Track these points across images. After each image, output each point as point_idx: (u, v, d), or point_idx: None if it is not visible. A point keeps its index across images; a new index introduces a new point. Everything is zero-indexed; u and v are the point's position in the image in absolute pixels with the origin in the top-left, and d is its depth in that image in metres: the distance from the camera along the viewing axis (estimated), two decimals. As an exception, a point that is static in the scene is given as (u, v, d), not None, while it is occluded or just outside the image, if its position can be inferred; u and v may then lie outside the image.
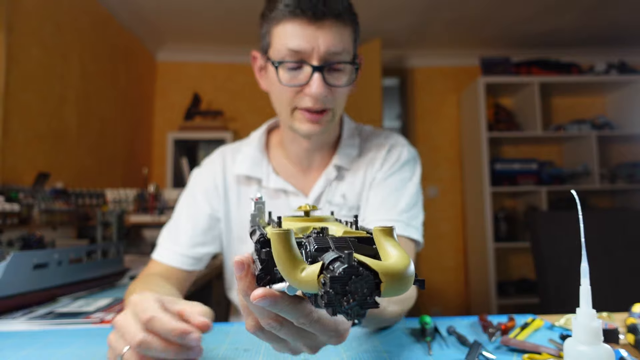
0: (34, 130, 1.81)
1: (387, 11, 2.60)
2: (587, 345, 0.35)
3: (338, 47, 0.69)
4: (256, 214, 0.41)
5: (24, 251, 0.92)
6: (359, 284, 0.23)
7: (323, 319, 0.32)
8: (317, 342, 0.35)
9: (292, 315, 0.30)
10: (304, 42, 0.67)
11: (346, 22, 0.70)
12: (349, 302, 0.23)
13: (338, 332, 0.33)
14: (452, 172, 3.37)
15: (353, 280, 0.23)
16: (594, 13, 2.68)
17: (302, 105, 0.72)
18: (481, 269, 3.00)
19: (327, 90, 0.70)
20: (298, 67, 0.70)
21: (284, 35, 0.69)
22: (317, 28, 0.67)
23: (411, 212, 0.79)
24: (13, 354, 0.52)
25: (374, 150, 0.86)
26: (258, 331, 0.34)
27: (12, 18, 1.66)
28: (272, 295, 0.29)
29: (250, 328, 0.35)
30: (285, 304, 0.29)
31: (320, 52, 0.68)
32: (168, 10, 2.63)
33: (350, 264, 0.23)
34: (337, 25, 0.69)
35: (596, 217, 1.34)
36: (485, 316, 0.62)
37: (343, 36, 0.69)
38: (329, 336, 0.33)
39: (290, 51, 0.68)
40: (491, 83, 2.99)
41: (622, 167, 3.10)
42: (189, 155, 3.08)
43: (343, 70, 0.72)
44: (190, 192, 0.88)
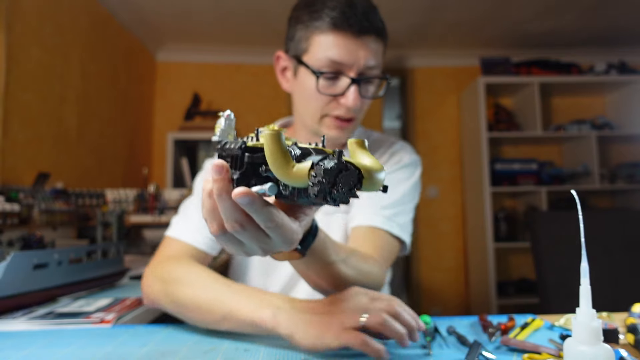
0: (34, 130, 1.81)
1: (387, 11, 2.58)
2: (587, 345, 0.35)
3: (373, 61, 0.74)
4: (225, 129, 0.44)
5: (24, 251, 0.92)
6: (347, 177, 0.28)
7: (284, 225, 0.36)
8: (271, 247, 0.38)
9: (262, 216, 0.34)
10: (347, 55, 0.72)
11: (382, 39, 0.76)
12: (338, 191, 0.28)
13: (292, 239, 0.37)
14: (452, 172, 3.37)
15: (343, 174, 0.28)
16: (594, 13, 2.68)
17: (334, 113, 0.76)
18: (481, 269, 3.00)
19: (360, 100, 0.74)
20: (335, 77, 0.74)
21: (326, 45, 0.72)
22: (360, 43, 0.72)
23: (396, 209, 0.80)
24: (13, 354, 0.52)
25: (379, 153, 0.88)
26: (221, 234, 0.37)
27: (12, 18, 1.66)
28: (252, 195, 0.32)
29: (215, 231, 0.37)
30: (259, 205, 0.33)
31: (360, 65, 0.72)
32: (168, 11, 2.63)
33: (340, 160, 0.28)
34: (376, 41, 0.74)
35: (596, 217, 1.34)
36: (485, 316, 0.62)
37: (379, 51, 0.75)
38: (284, 241, 0.37)
39: (331, 61, 0.72)
40: (491, 83, 2.99)
41: (622, 167, 3.10)
42: (189, 155, 3.08)
43: (375, 83, 0.77)
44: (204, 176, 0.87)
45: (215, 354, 0.51)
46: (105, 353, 0.52)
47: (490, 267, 2.85)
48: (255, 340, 0.56)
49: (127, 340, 0.58)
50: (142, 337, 0.59)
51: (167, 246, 0.78)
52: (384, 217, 0.78)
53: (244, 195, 0.32)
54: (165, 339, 0.58)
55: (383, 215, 0.78)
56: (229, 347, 0.54)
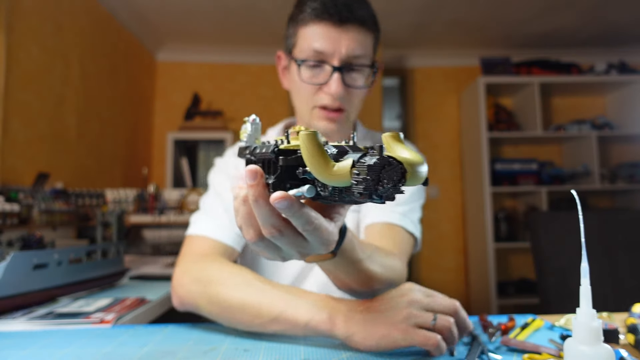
0: (34, 130, 1.81)
1: (387, 11, 2.60)
2: (587, 346, 0.35)
3: (358, 50, 0.73)
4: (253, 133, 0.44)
5: (24, 251, 0.92)
6: (391, 172, 0.27)
7: (322, 227, 0.35)
8: (308, 250, 0.38)
9: (300, 220, 0.33)
10: (327, 44, 0.72)
11: (368, 29, 0.75)
12: (383, 187, 0.27)
13: (330, 241, 0.37)
14: (452, 172, 3.37)
15: (386, 169, 0.27)
16: (594, 13, 2.68)
17: (320, 103, 0.76)
18: (481, 269, 3.00)
19: (345, 90, 0.74)
20: (319, 67, 0.74)
21: (309, 36, 0.74)
22: (341, 32, 0.72)
23: (408, 206, 0.81)
24: (13, 354, 0.52)
25: None
26: (258, 240, 0.37)
27: (12, 18, 1.66)
28: (290, 198, 0.32)
29: (252, 238, 0.37)
30: (298, 208, 0.32)
31: (342, 54, 0.72)
32: (168, 10, 2.63)
33: (382, 156, 0.28)
34: (359, 31, 0.74)
35: (596, 217, 1.34)
36: (486, 316, 0.62)
37: (364, 41, 0.74)
38: (321, 243, 0.37)
39: (314, 51, 0.73)
40: (491, 83, 2.99)
41: (622, 167, 3.10)
42: (188, 155, 3.08)
43: (361, 72, 0.76)
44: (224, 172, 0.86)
45: (215, 354, 0.51)
46: (105, 353, 0.52)
47: (491, 267, 2.85)
48: (256, 340, 0.56)
49: (127, 340, 0.58)
50: (142, 337, 0.59)
51: (194, 244, 0.74)
52: (399, 214, 0.78)
53: (283, 200, 0.31)
54: (165, 339, 0.58)
55: (397, 212, 0.78)
56: (229, 347, 0.54)
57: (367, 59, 0.75)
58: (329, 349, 0.52)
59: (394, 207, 0.79)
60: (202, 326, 0.64)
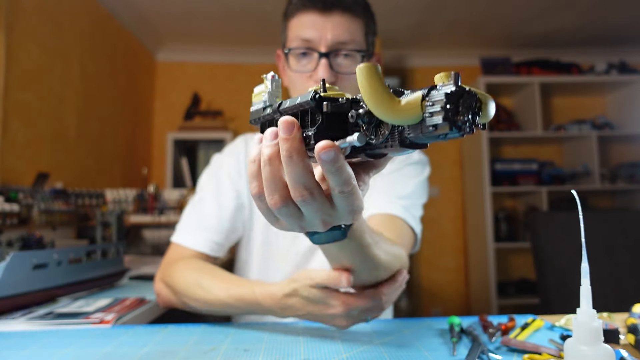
0: (34, 130, 1.81)
1: (387, 11, 2.59)
2: (588, 346, 0.35)
3: (345, 36, 0.73)
4: (274, 91, 0.39)
5: (24, 251, 0.92)
6: (469, 100, 0.25)
7: (357, 191, 0.32)
8: (334, 218, 0.34)
9: (342, 178, 0.30)
10: (313, 31, 0.72)
11: (356, 14, 0.74)
12: (464, 115, 0.25)
13: (360, 208, 0.33)
14: (453, 172, 3.37)
15: (465, 97, 0.25)
16: (594, 13, 2.68)
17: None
18: (481, 269, 3.00)
19: (334, 76, 0.73)
20: (307, 55, 0.74)
21: (296, 26, 0.75)
22: (326, 18, 0.72)
23: (411, 201, 0.80)
24: (12, 354, 0.52)
25: None
26: (283, 206, 0.33)
27: (11, 18, 1.66)
28: (337, 149, 0.28)
29: (276, 203, 0.33)
30: (343, 163, 0.29)
31: (328, 40, 0.72)
32: (168, 10, 2.63)
33: (458, 83, 0.25)
34: (346, 17, 0.73)
35: (597, 218, 1.34)
36: (486, 316, 0.62)
37: (351, 27, 0.74)
38: (350, 211, 0.33)
39: (301, 40, 0.74)
40: (491, 83, 2.99)
41: (622, 167, 3.10)
42: (188, 155, 3.07)
43: (352, 59, 0.75)
44: (214, 176, 0.86)
45: (215, 354, 0.51)
46: (105, 353, 0.52)
47: (491, 267, 2.85)
48: (256, 340, 0.56)
49: (126, 340, 0.58)
50: (142, 337, 0.59)
51: (172, 251, 0.80)
52: (402, 207, 0.77)
53: (330, 150, 0.28)
54: (165, 339, 0.58)
55: (400, 204, 0.77)
56: (229, 347, 0.54)
57: (356, 44, 0.74)
58: (329, 349, 0.52)
59: (397, 200, 0.78)
60: (202, 326, 0.64)
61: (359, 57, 0.75)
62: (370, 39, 0.79)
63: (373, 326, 0.63)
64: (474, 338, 0.53)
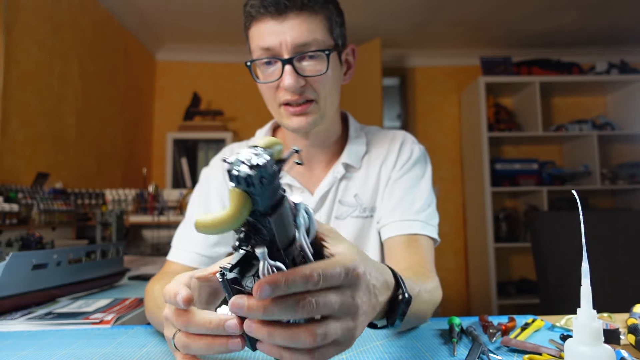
0: (33, 130, 1.81)
1: (387, 11, 2.59)
2: (588, 346, 0.35)
3: (305, 37, 0.69)
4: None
5: (23, 251, 0.92)
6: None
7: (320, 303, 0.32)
8: (350, 330, 0.35)
9: (301, 282, 0.31)
10: (272, 38, 0.69)
11: (314, 11, 0.70)
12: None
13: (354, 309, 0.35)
14: (453, 172, 3.37)
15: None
16: (595, 13, 2.68)
17: (282, 100, 0.72)
18: (481, 269, 3.00)
19: (302, 80, 0.70)
20: (272, 64, 0.71)
21: (255, 36, 0.71)
22: (282, 22, 0.68)
23: (428, 211, 0.79)
24: (12, 355, 0.52)
25: (385, 147, 0.85)
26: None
27: (10, 17, 1.65)
28: (267, 283, 0.30)
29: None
30: (284, 287, 0.30)
31: (288, 45, 0.68)
32: (168, 10, 2.63)
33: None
34: (302, 16, 0.69)
35: (597, 217, 1.34)
36: (486, 317, 0.61)
37: (311, 26, 0.69)
38: (345, 327, 0.34)
39: (262, 50, 0.70)
40: (492, 83, 2.99)
41: (623, 167, 3.09)
42: (188, 155, 3.07)
43: (318, 59, 0.71)
44: (202, 191, 0.86)
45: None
46: (105, 353, 0.52)
47: (491, 268, 2.85)
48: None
49: (126, 340, 0.57)
50: (142, 338, 0.59)
51: (163, 268, 0.81)
52: (421, 222, 0.76)
53: (263, 288, 0.30)
54: (165, 340, 0.58)
55: (420, 220, 0.76)
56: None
57: (319, 43, 0.70)
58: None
59: (415, 215, 0.77)
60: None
61: (324, 55, 0.71)
62: (337, 31, 0.74)
63: (373, 326, 0.62)
64: (474, 338, 0.53)
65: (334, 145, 0.84)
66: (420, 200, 0.79)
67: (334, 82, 0.75)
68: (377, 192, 0.82)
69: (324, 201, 0.82)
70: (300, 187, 0.82)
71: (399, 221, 0.76)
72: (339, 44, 0.75)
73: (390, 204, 0.79)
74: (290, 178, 0.82)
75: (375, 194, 0.82)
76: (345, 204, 0.82)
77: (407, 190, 0.80)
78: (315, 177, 0.84)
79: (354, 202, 0.82)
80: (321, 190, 0.81)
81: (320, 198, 0.81)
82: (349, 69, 0.81)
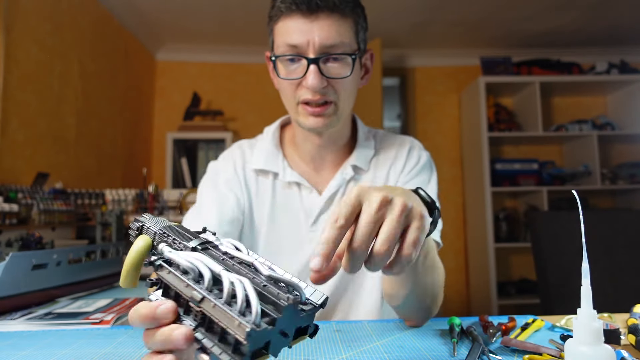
0: (33, 130, 1.81)
1: (387, 11, 2.59)
2: (588, 346, 0.35)
3: (334, 39, 0.69)
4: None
5: (23, 251, 0.92)
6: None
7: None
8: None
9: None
10: (300, 36, 0.69)
11: (344, 14, 0.70)
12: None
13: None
14: (453, 172, 3.37)
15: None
16: (595, 12, 2.68)
17: (302, 99, 0.73)
18: (482, 269, 3.00)
19: (325, 81, 0.70)
20: (296, 61, 0.71)
21: (282, 31, 0.71)
22: (312, 22, 0.69)
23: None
24: (12, 355, 0.52)
25: (393, 152, 0.85)
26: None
27: (10, 17, 1.65)
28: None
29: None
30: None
31: (316, 45, 0.69)
32: (168, 10, 2.63)
33: None
34: (333, 18, 0.69)
35: (597, 217, 1.34)
36: (486, 317, 0.61)
37: (340, 28, 0.70)
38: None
39: (288, 46, 0.70)
40: (492, 83, 2.99)
41: (623, 167, 3.09)
42: (188, 155, 3.07)
43: (342, 62, 0.71)
44: (212, 183, 0.85)
45: (214, 354, 0.51)
46: (104, 353, 0.52)
47: (491, 268, 2.85)
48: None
49: (126, 340, 0.57)
50: (141, 338, 0.58)
51: None
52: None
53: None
54: (164, 340, 0.57)
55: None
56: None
57: (345, 47, 0.71)
58: (329, 349, 0.52)
59: None
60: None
61: (350, 59, 0.71)
62: (362, 35, 0.75)
63: (373, 326, 0.63)
64: (474, 338, 0.53)
65: (343, 147, 0.85)
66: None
67: (353, 86, 0.76)
68: None
69: (331, 201, 0.82)
70: (309, 186, 0.82)
71: None
72: (362, 48, 0.76)
73: None
74: (299, 177, 0.82)
75: None
76: None
77: None
78: (323, 178, 0.84)
79: None
80: (330, 191, 0.81)
81: (328, 198, 0.81)
82: (366, 73, 0.82)
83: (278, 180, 0.83)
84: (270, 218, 0.82)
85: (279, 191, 0.83)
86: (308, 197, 0.82)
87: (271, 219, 0.82)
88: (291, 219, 0.82)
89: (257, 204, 0.84)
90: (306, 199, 0.82)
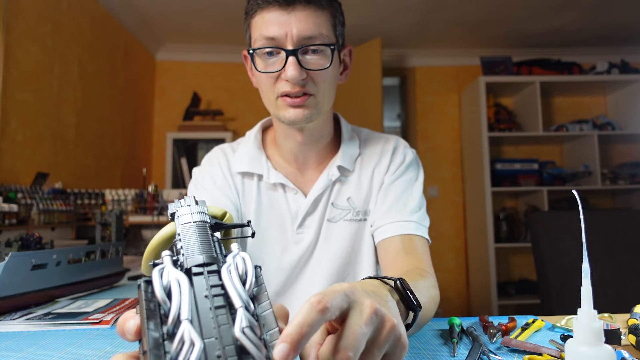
0: (33, 130, 1.81)
1: (387, 11, 2.59)
2: (589, 346, 0.34)
3: (312, 31, 0.69)
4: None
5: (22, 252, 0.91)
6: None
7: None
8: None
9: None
10: (278, 28, 0.68)
11: (320, 6, 0.70)
12: None
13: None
14: (453, 172, 3.37)
15: None
16: (595, 12, 2.68)
17: (281, 91, 0.72)
18: (482, 269, 3.00)
19: (304, 73, 0.69)
20: (274, 54, 0.70)
21: (260, 25, 0.70)
22: (289, 13, 0.68)
23: (420, 212, 0.79)
24: (12, 355, 0.52)
25: (378, 151, 0.85)
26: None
27: (10, 17, 1.65)
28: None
29: None
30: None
31: (294, 36, 0.68)
32: (167, 10, 2.63)
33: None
34: (310, 10, 0.69)
35: (597, 217, 1.34)
36: (486, 317, 0.61)
37: (317, 20, 0.69)
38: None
39: (266, 39, 0.69)
40: (492, 83, 2.99)
41: (623, 167, 3.09)
42: (188, 155, 3.08)
43: (321, 54, 0.71)
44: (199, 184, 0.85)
45: (213, 355, 0.51)
46: (104, 353, 0.52)
47: (491, 268, 2.85)
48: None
49: (125, 341, 0.57)
50: (141, 338, 0.58)
51: None
52: (415, 223, 0.76)
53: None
54: (164, 340, 0.57)
55: (413, 220, 0.76)
56: (227, 348, 0.54)
57: (324, 38, 0.70)
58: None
59: (409, 216, 0.76)
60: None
61: (329, 51, 0.70)
62: (339, 30, 0.75)
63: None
64: (474, 339, 0.53)
65: (326, 146, 0.84)
66: (413, 202, 0.79)
67: (333, 79, 0.75)
68: (370, 196, 0.82)
69: (317, 203, 0.81)
70: (294, 187, 0.81)
71: (393, 222, 0.76)
72: (340, 42, 0.75)
73: (383, 206, 0.79)
74: (283, 178, 0.81)
75: (369, 197, 0.82)
76: (338, 207, 0.81)
77: (400, 193, 0.80)
78: (308, 178, 0.83)
79: (347, 205, 0.81)
80: (315, 193, 0.80)
81: (314, 200, 0.80)
82: (345, 70, 0.81)
83: (263, 182, 0.83)
84: (256, 220, 0.81)
85: (264, 193, 0.82)
86: (293, 198, 0.81)
87: (257, 221, 0.81)
88: (277, 222, 0.81)
89: (244, 205, 0.83)
90: (292, 201, 0.81)
